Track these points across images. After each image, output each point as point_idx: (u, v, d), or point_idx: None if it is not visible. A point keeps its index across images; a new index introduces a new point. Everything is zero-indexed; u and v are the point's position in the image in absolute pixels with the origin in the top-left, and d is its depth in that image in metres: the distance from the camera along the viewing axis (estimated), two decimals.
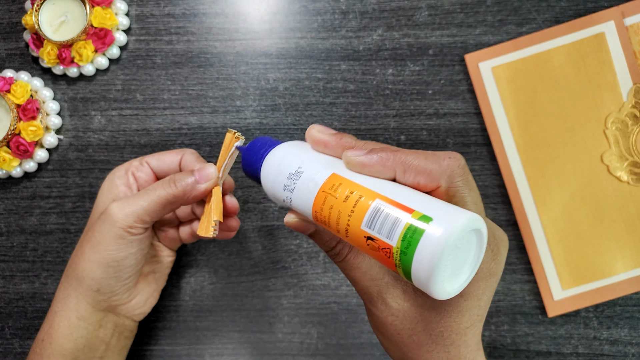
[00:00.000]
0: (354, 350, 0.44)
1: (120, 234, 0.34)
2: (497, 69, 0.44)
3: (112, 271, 0.35)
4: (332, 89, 0.45)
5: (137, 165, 0.38)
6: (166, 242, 0.41)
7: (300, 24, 0.45)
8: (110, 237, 0.34)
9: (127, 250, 0.35)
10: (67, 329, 0.36)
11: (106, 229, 0.34)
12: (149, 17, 0.45)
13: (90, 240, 0.35)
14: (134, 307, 0.38)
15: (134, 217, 0.34)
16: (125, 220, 0.34)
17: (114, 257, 0.34)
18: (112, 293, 0.36)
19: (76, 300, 0.35)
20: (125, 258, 0.35)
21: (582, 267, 0.44)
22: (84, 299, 0.35)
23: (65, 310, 0.36)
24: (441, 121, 0.45)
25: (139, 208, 0.34)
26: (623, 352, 0.44)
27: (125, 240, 0.34)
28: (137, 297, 0.39)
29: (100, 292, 0.35)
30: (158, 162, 0.38)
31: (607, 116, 0.44)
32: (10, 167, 0.43)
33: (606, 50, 0.43)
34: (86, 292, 0.35)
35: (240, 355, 0.45)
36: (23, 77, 0.44)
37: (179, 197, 0.34)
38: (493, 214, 0.44)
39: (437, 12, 0.45)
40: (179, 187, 0.34)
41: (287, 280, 0.45)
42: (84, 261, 0.35)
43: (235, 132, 0.34)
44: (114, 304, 0.37)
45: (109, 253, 0.34)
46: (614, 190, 0.44)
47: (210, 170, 0.35)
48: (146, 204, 0.34)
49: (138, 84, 0.45)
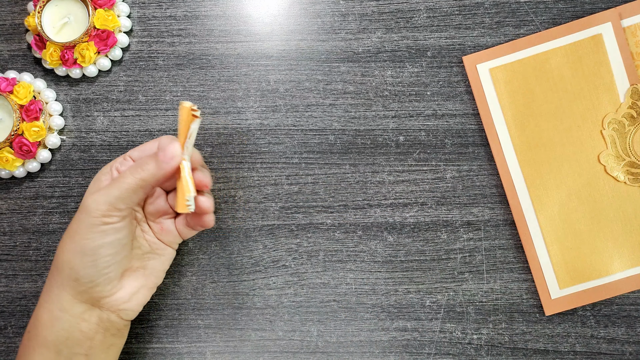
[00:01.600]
0: (353, 348, 0.45)
1: (95, 222, 0.34)
2: (494, 71, 0.44)
3: (88, 260, 0.35)
4: (331, 90, 0.45)
5: (121, 161, 0.39)
6: (163, 237, 0.40)
7: (301, 26, 0.45)
8: (85, 226, 0.35)
9: (101, 239, 0.35)
10: (48, 320, 0.36)
11: (82, 218, 0.35)
12: (151, 19, 0.46)
13: (68, 231, 0.36)
14: (117, 301, 0.37)
15: (107, 205, 0.34)
16: (98, 208, 0.34)
17: (89, 246, 0.35)
18: (92, 283, 0.36)
19: (57, 291, 0.36)
20: (101, 247, 0.35)
21: (579, 266, 0.44)
22: (64, 289, 0.36)
23: (48, 302, 0.36)
24: (439, 122, 0.45)
25: (110, 196, 0.35)
26: (620, 351, 0.44)
27: (100, 229, 0.35)
28: (120, 290, 0.38)
29: (79, 281, 0.35)
30: (140, 153, 0.39)
31: (604, 117, 0.44)
32: (14, 167, 0.44)
33: (603, 52, 0.44)
34: (66, 282, 0.35)
35: (241, 353, 0.45)
36: (26, 78, 0.45)
37: (147, 179, 0.35)
38: (491, 213, 0.45)
39: (435, 14, 0.45)
40: (145, 170, 0.35)
41: (288, 278, 0.45)
42: (63, 252, 0.36)
43: (191, 106, 0.34)
44: (95, 295, 0.36)
45: (85, 242, 0.35)
46: (610, 190, 0.44)
47: (172, 147, 0.35)
48: (117, 191, 0.35)
49: (140, 85, 0.46)
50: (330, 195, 0.45)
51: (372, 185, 0.45)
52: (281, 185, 0.45)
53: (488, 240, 0.45)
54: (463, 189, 0.45)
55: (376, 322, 0.45)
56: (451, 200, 0.45)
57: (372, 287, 0.45)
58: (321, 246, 0.45)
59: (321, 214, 0.45)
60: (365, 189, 0.45)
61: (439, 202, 0.45)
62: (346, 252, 0.45)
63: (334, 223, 0.45)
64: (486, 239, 0.45)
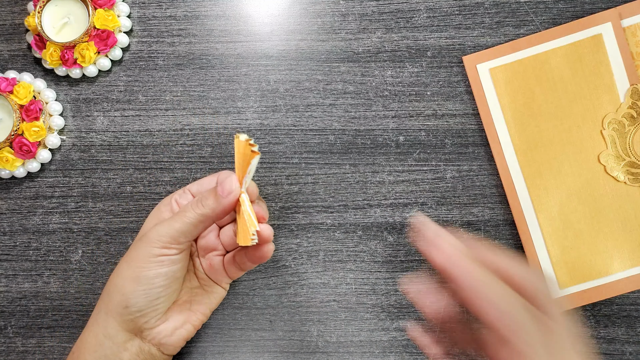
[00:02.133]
0: (353, 348, 0.45)
1: (154, 252, 0.35)
2: (494, 71, 0.44)
3: (141, 288, 0.35)
4: (331, 90, 0.45)
5: (180, 193, 0.40)
6: (211, 274, 0.41)
7: (301, 26, 0.45)
8: (144, 254, 0.35)
9: (158, 269, 0.35)
10: (93, 345, 0.36)
11: (141, 247, 0.36)
12: (151, 19, 0.46)
13: (125, 258, 0.36)
14: (159, 333, 0.37)
15: (168, 237, 0.35)
16: (160, 240, 0.35)
17: (145, 274, 0.35)
18: (140, 312, 0.36)
19: (105, 316, 0.36)
20: (156, 277, 0.36)
21: (579, 267, 0.44)
22: (112, 315, 0.36)
23: (94, 325, 0.37)
24: (439, 122, 0.45)
25: (172, 229, 0.35)
26: (620, 351, 0.44)
27: (158, 259, 0.35)
28: (164, 323, 0.37)
29: (128, 309, 0.36)
30: (198, 187, 0.40)
31: (604, 117, 0.44)
32: (14, 167, 0.44)
33: (603, 52, 0.44)
34: (115, 309, 0.36)
35: (241, 353, 0.45)
36: (26, 78, 0.45)
37: (207, 215, 0.35)
38: (491, 213, 0.45)
39: (435, 14, 0.45)
40: (205, 206, 0.35)
41: (288, 278, 0.45)
42: (117, 277, 0.36)
43: (247, 139, 0.34)
44: (140, 325, 0.36)
45: (141, 270, 0.35)
46: (610, 190, 0.44)
47: (230, 182, 0.35)
48: (179, 225, 0.35)
49: (140, 85, 0.46)
50: (330, 195, 0.45)
51: (372, 185, 0.45)
52: (281, 185, 0.45)
53: (488, 240, 0.45)
54: (463, 189, 0.45)
55: (376, 322, 0.45)
56: (451, 200, 0.45)
57: (372, 287, 0.45)
58: (321, 246, 0.45)
59: (321, 214, 0.45)
60: (365, 189, 0.45)
61: (439, 202, 0.45)
62: (346, 252, 0.45)
63: (334, 223, 0.45)
64: (486, 239, 0.45)
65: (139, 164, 0.45)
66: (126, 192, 0.45)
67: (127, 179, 0.45)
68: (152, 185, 0.45)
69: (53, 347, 0.45)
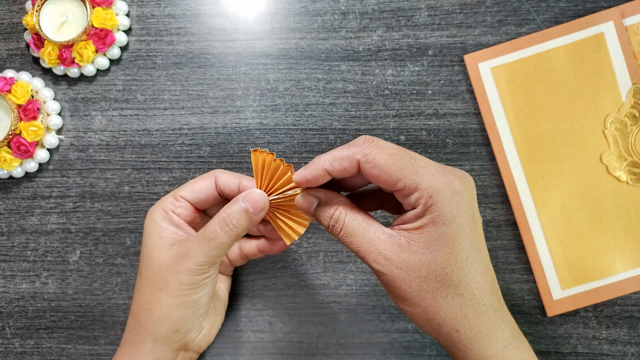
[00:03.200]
0: (353, 349, 0.44)
1: (197, 280, 0.36)
2: (496, 70, 0.44)
3: (190, 311, 0.36)
4: (332, 89, 0.45)
5: (173, 201, 0.38)
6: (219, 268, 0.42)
7: (300, 25, 0.45)
8: (187, 282, 0.35)
9: (202, 291, 0.36)
10: None
11: (184, 277, 0.35)
12: (150, 17, 0.46)
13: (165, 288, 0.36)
14: (201, 340, 0.39)
15: (207, 265, 0.35)
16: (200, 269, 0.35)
17: (192, 299, 0.36)
18: (189, 331, 0.37)
19: (153, 344, 0.36)
20: (202, 297, 0.37)
21: (581, 267, 0.44)
22: (162, 341, 0.37)
23: (140, 353, 0.37)
24: (440, 121, 0.45)
25: (210, 257, 0.35)
26: (622, 352, 0.44)
27: (202, 284, 0.36)
28: (204, 329, 0.39)
29: (179, 332, 0.37)
30: (192, 192, 0.38)
31: (606, 116, 0.44)
32: (11, 167, 0.43)
33: (605, 51, 0.43)
34: (165, 335, 0.36)
35: (240, 354, 0.45)
36: (24, 77, 0.44)
37: (241, 233, 0.35)
38: (492, 213, 0.45)
39: (436, 12, 0.45)
40: (238, 226, 0.35)
41: (287, 279, 0.45)
42: (162, 306, 0.36)
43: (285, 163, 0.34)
44: (187, 340, 0.38)
45: (187, 296, 0.36)
46: (613, 190, 0.44)
47: (261, 200, 0.35)
48: (215, 252, 0.35)
49: (139, 84, 0.45)
50: None
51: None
52: None
53: (490, 241, 0.44)
54: None
55: (377, 324, 0.45)
56: None
57: (373, 289, 0.45)
58: (321, 247, 0.45)
59: None
60: None
61: None
62: (346, 253, 0.45)
63: None
64: (488, 239, 0.44)
65: (137, 163, 0.45)
66: (124, 192, 0.45)
67: (125, 179, 0.45)
68: (150, 185, 0.45)
69: (51, 347, 0.45)
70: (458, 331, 0.31)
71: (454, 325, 0.31)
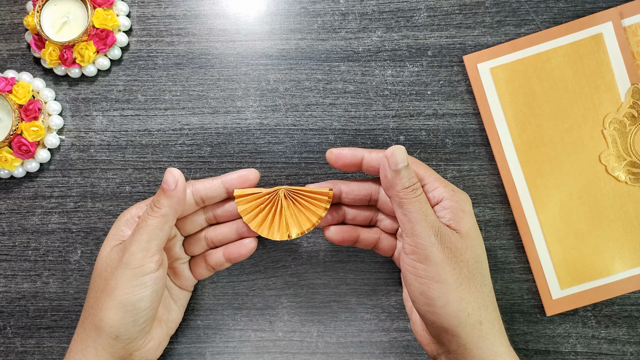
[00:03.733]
0: (353, 348, 0.45)
1: (136, 273, 0.35)
2: (495, 70, 0.44)
3: (129, 316, 0.35)
4: (331, 89, 0.45)
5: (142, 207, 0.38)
6: (178, 281, 0.42)
7: (301, 26, 0.45)
8: (125, 280, 0.34)
9: (142, 292, 0.35)
10: None
11: (120, 273, 0.35)
12: (150, 18, 0.46)
13: (106, 289, 0.35)
14: (147, 352, 0.38)
15: (141, 252, 0.35)
16: (134, 260, 0.34)
17: (130, 301, 0.35)
18: (130, 339, 0.36)
19: (95, 351, 0.36)
20: (141, 300, 0.35)
21: (580, 267, 0.44)
22: (104, 348, 0.35)
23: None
24: (440, 121, 0.45)
25: (141, 243, 0.35)
26: (621, 351, 0.44)
27: (141, 281, 0.35)
28: (151, 342, 0.38)
29: (119, 339, 0.35)
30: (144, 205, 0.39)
31: (605, 116, 0.44)
32: (12, 167, 0.44)
33: (604, 51, 0.44)
34: (105, 342, 0.35)
35: (240, 353, 0.45)
36: (25, 77, 0.45)
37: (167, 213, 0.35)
38: (492, 213, 0.45)
39: (435, 13, 0.45)
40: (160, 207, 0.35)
41: (288, 279, 0.45)
42: (102, 310, 0.35)
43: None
44: (130, 350, 0.37)
45: (125, 297, 0.35)
46: (612, 190, 0.44)
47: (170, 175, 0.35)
48: (145, 236, 0.35)
49: (139, 84, 0.46)
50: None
51: None
52: (281, 185, 0.45)
53: (489, 240, 0.45)
54: (464, 189, 0.45)
55: (377, 323, 0.45)
56: None
57: (373, 288, 0.45)
58: (321, 246, 0.45)
59: None
60: None
61: None
62: (346, 252, 0.45)
63: None
64: (487, 239, 0.45)
65: (138, 163, 0.45)
66: (125, 192, 0.45)
67: (126, 179, 0.45)
68: (151, 185, 0.45)
69: (52, 347, 0.45)
70: (481, 323, 0.32)
71: (478, 317, 0.32)
